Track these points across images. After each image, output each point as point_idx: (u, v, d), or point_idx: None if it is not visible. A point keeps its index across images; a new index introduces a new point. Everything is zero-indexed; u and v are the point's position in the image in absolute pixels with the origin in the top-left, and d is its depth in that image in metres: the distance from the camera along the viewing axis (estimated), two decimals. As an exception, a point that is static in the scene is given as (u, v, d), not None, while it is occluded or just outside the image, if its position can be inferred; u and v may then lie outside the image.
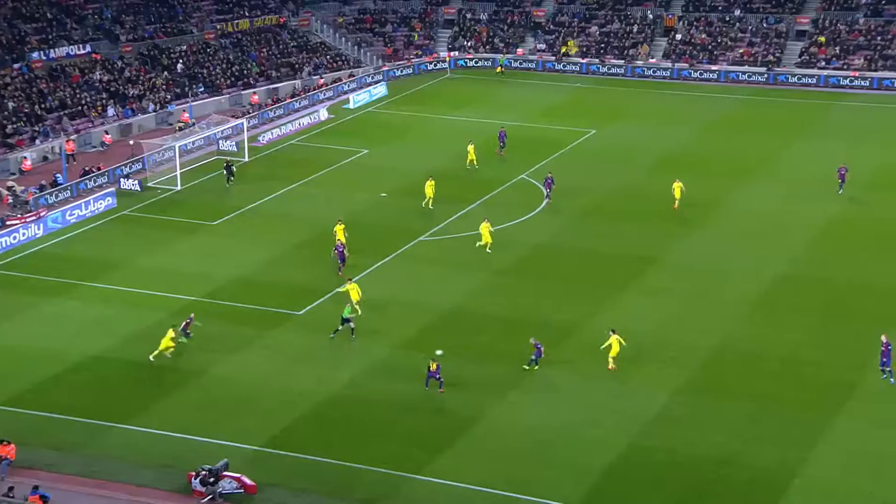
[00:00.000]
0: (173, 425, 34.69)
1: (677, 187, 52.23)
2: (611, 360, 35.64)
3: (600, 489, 31.31)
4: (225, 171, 57.04)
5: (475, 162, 58.03)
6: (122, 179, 57.42)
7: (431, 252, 48.04)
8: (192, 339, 39.64)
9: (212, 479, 30.91)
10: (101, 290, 44.53)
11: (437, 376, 36.21)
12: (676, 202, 51.79)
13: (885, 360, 34.74)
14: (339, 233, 46.37)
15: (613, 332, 36.47)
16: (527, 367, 37.54)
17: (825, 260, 46.75)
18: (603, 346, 35.32)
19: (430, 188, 52.10)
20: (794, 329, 40.55)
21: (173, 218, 52.81)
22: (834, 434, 33.71)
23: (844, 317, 41.42)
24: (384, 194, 55.64)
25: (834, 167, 56.72)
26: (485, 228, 46.93)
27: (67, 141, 62.75)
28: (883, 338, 35.33)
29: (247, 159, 61.95)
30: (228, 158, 58.00)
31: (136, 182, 56.99)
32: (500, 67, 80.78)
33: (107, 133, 65.62)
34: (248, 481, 31.46)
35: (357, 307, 41.09)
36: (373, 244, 48.05)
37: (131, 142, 62.95)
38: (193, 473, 31.39)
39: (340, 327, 39.79)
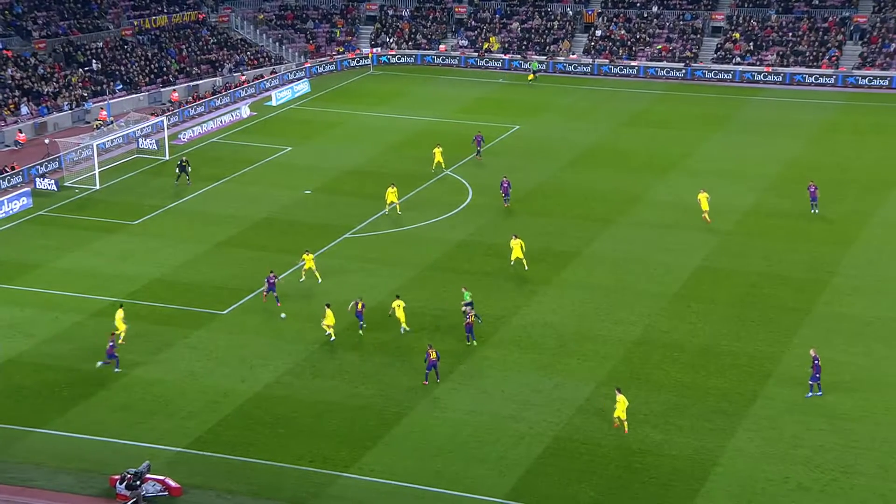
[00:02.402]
0: (93, 428, 34.11)
1: (703, 198, 50.27)
2: (617, 419, 33.57)
3: (527, 482, 31.68)
4: (179, 171, 55.54)
5: (442, 164, 57.44)
6: (37, 179, 56.15)
7: (357, 249, 47.97)
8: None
9: (137, 483, 30.47)
10: (16, 293, 43.53)
11: (436, 365, 35.98)
12: (706, 213, 50.04)
13: (815, 374, 35.44)
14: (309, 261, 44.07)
15: (618, 390, 33.85)
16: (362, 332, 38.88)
17: (740, 251, 47.87)
18: (615, 415, 33.49)
19: (392, 194, 51.29)
20: (711, 320, 41.48)
21: (92, 218, 51.83)
22: (751, 421, 34.60)
23: (759, 307, 42.49)
24: (308, 192, 55.35)
25: (750, 160, 57.80)
26: (516, 245, 45.23)
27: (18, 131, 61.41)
28: (812, 352, 35.88)
29: (167, 158, 61.07)
30: (184, 158, 56.61)
31: (53, 181, 55.79)
32: (532, 74, 78.22)
33: (20, 131, 64.08)
34: (172, 483, 31.10)
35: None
36: (297, 242, 47.76)
37: (47, 140, 61.63)
38: (118, 477, 30.90)
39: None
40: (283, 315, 41.41)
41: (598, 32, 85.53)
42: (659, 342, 39.80)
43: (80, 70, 71.89)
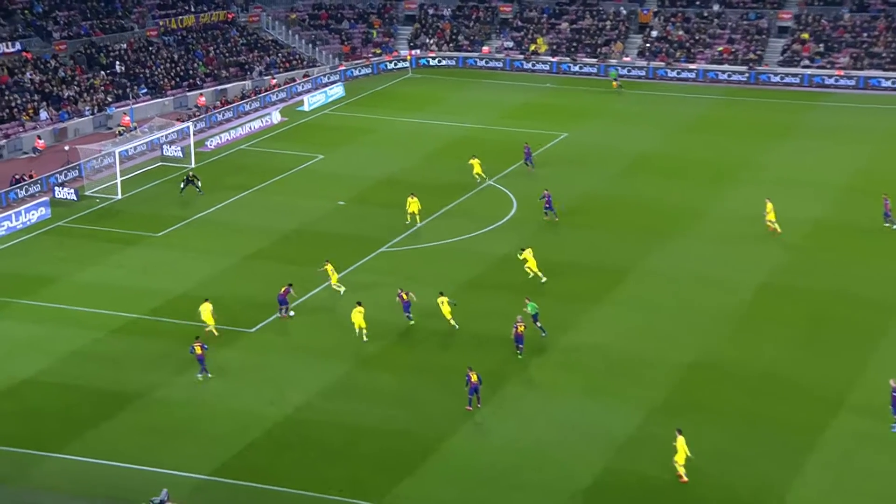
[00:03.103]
0: (112, 453, 34.51)
1: (770, 208, 50.50)
2: (678, 465, 33.07)
3: (573, 515, 31.56)
4: (184, 184, 56.17)
5: (482, 174, 57.70)
6: (56, 188, 57.09)
7: (393, 264, 48.20)
8: (134, 359, 39.52)
9: (158, 512, 30.79)
10: (33, 308, 44.23)
11: (478, 389, 36.14)
12: (774, 224, 50.30)
13: (895, 406, 35.05)
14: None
15: (679, 432, 33.30)
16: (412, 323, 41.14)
17: (809, 268, 47.43)
18: (675, 460, 33.11)
19: (413, 204, 51.74)
20: (776, 342, 41.10)
21: (113, 229, 52.57)
22: (821, 454, 34.19)
23: (829, 329, 42.05)
24: (342, 202, 55.74)
25: (819, 170, 57.26)
26: (529, 256, 45.91)
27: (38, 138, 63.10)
28: (892, 382, 35.51)
29: (192, 165, 61.81)
30: (191, 172, 57.33)
31: (73, 191, 56.69)
32: (615, 82, 77.88)
33: (39, 138, 65.24)
34: (194, 512, 31.34)
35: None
36: (329, 255, 48.10)
37: (66, 147, 62.66)
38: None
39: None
40: (292, 313, 42.75)
41: (654, 33, 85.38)
42: (719, 366, 39.51)
43: (103, 73, 73.06)
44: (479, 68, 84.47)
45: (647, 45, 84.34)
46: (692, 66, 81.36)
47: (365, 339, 41.07)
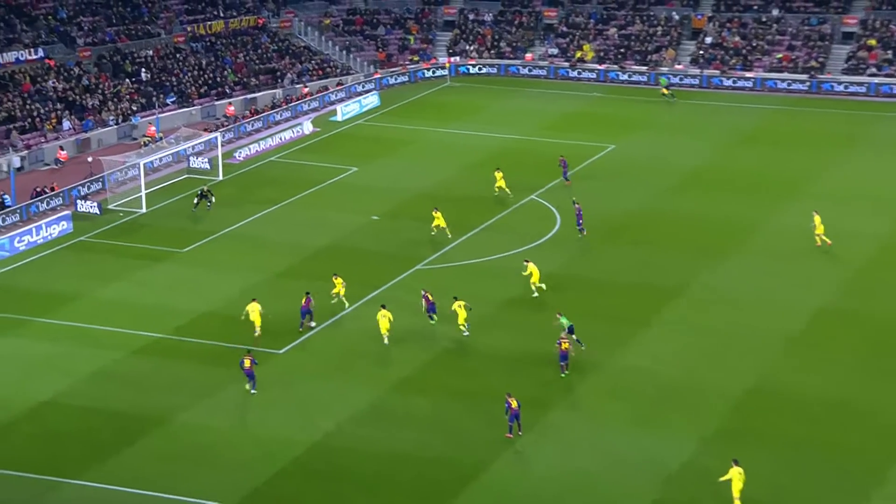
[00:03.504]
0: (133, 480, 34.70)
1: (818, 221, 50.38)
2: (735, 500, 32.70)
3: (620, 551, 31.35)
4: (198, 198, 56.54)
5: (506, 189, 57.91)
6: (78, 201, 57.74)
7: (430, 282, 48.21)
8: (157, 381, 39.81)
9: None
10: (53, 327, 44.71)
11: (518, 415, 36.08)
12: (823, 237, 50.32)
13: None
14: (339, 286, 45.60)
15: (735, 462, 32.96)
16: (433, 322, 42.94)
17: (874, 290, 46.90)
18: (722, 479, 33.01)
19: (439, 219, 51.98)
20: (839, 368, 40.66)
21: (136, 244, 53.08)
22: (889, 487, 33.72)
23: (893, 355, 41.51)
24: (376, 217, 55.94)
25: (883, 184, 56.59)
26: (533, 270, 46.40)
27: (60, 149, 64.08)
28: None
29: (220, 178, 62.32)
30: (206, 187, 57.67)
31: (95, 204, 57.32)
32: (666, 89, 77.70)
33: (61, 149, 66.04)
34: (219, 543, 31.46)
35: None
36: (364, 273, 48.25)
37: (90, 158, 63.36)
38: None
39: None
40: (312, 324, 43.69)
41: (708, 39, 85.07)
42: (776, 393, 39.14)
43: (128, 81, 73.89)
44: (522, 76, 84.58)
45: (701, 52, 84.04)
46: (749, 75, 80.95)
47: (386, 342, 42.15)
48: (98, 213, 56.85)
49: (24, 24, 74.83)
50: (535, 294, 46.45)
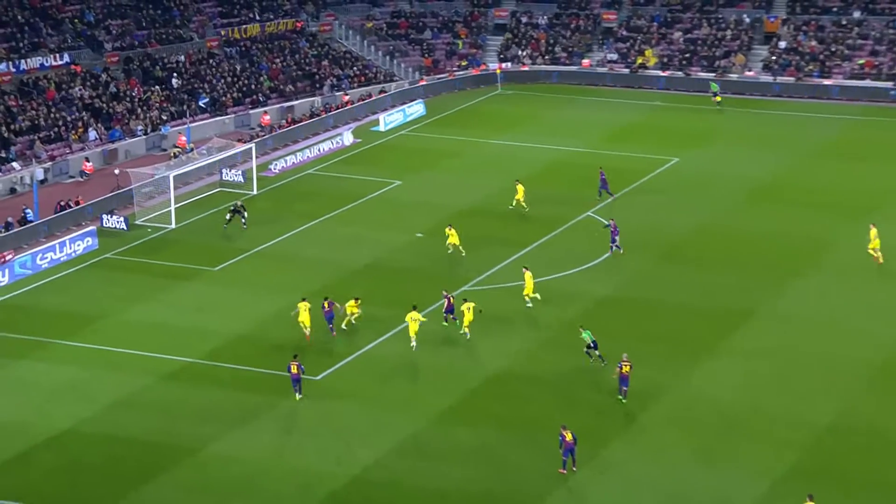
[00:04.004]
0: (162, 513, 35.07)
1: (874, 234, 50.75)
2: None
3: None
4: (231, 214, 56.88)
5: (522, 202, 58.37)
6: (104, 216, 58.45)
7: (478, 305, 48.28)
8: (187, 408, 40.18)
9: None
10: (77, 350, 45.25)
11: (573, 450, 36.13)
12: (877, 253, 50.62)
13: None
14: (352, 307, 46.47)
15: (810, 498, 33.05)
16: (446, 324, 44.60)
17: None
18: None
19: (453, 236, 52.36)
20: (924, 402, 40.19)
21: (165, 262, 53.66)
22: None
23: None
24: (420, 234, 56.15)
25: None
26: (529, 278, 47.60)
27: (86, 161, 65.10)
28: None
29: (255, 192, 62.88)
30: (239, 202, 57.98)
31: (122, 219, 58.01)
32: (717, 96, 77.90)
33: (87, 160, 66.89)
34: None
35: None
36: (406, 294, 48.43)
37: (116, 171, 64.07)
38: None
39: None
40: (334, 333, 45.19)
41: (782, 44, 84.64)
42: (859, 428, 38.75)
43: (158, 88, 74.77)
44: (579, 84, 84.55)
45: (774, 57, 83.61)
46: (827, 82, 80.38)
47: (414, 346, 43.44)
48: (125, 228, 57.52)
49: (49, 28, 75.91)
50: (529, 305, 47.36)
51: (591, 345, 42.31)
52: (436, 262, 52.74)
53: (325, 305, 45.44)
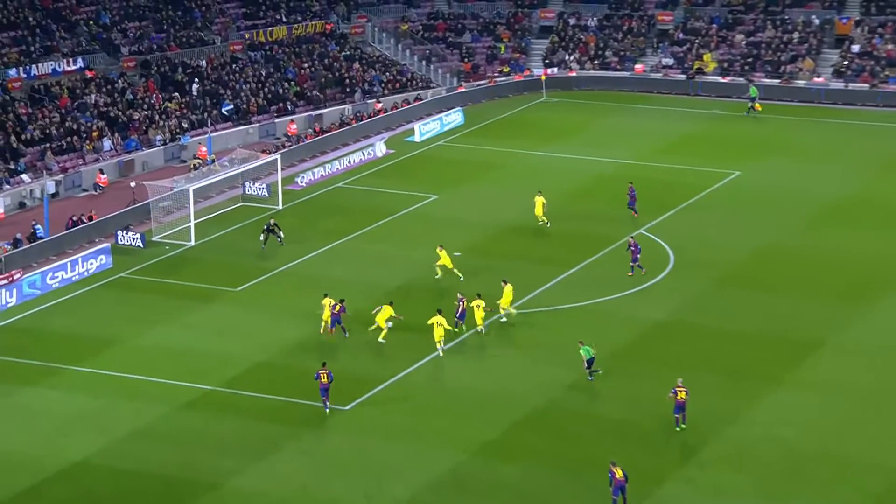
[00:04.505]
0: (178, 552, 35.28)
1: None
2: None
3: None
4: (265, 234, 57.08)
5: (543, 217, 58.52)
6: (119, 232, 58.92)
7: (521, 330, 48.33)
8: (206, 439, 40.41)
9: None
10: (90, 376, 45.58)
11: (625, 488, 36.09)
12: None
13: None
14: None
15: None
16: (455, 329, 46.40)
17: None
18: None
19: (444, 258, 52.50)
20: None
21: (184, 282, 54.01)
22: None
23: None
24: (458, 253, 56.23)
25: None
26: (508, 291, 48.81)
27: (99, 173, 65.67)
28: None
29: (280, 207, 63.21)
30: (272, 220, 58.08)
31: (138, 236, 58.47)
32: (758, 104, 77.99)
33: (101, 172, 67.46)
34: None
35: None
36: (449, 315, 48.45)
37: (133, 183, 64.53)
38: None
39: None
40: (347, 334, 47.42)
41: (855, 47, 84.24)
42: (937, 470, 38.43)
43: (177, 94, 75.38)
44: (631, 90, 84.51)
45: (846, 62, 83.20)
46: (904, 90, 79.97)
47: (441, 353, 44.79)
48: (141, 245, 57.96)
49: (62, 31, 76.70)
50: (504, 319, 48.46)
51: (588, 362, 43.07)
52: (475, 282, 52.69)
53: (337, 308, 47.37)
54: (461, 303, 47.63)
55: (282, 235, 57.37)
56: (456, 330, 47.18)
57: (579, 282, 52.88)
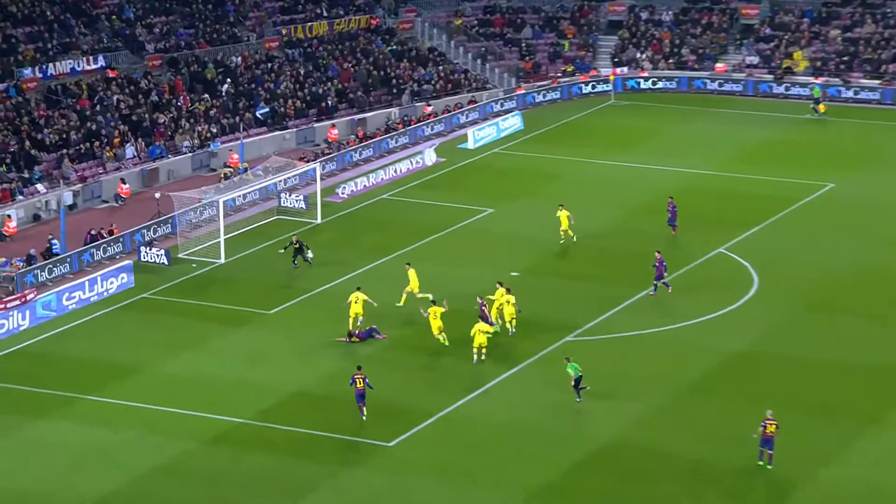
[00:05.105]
0: None
1: None
2: None
3: None
4: (294, 254, 57.01)
5: (570, 233, 58.55)
6: (142, 248, 59.36)
7: (582, 359, 48.13)
8: (235, 477, 40.60)
9: None
10: (108, 407, 45.84)
11: None
12: None
13: None
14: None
15: None
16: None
17: None
18: None
19: (413, 280, 52.57)
20: None
21: (213, 304, 54.31)
22: None
23: None
24: (516, 273, 56.18)
25: None
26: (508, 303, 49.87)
27: (121, 183, 66.23)
28: None
29: (319, 221, 63.45)
30: (296, 236, 58.12)
31: (163, 252, 58.87)
32: (822, 105, 78.44)
33: (123, 182, 67.94)
34: None
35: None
36: (499, 344, 48.47)
37: (157, 194, 64.94)
38: None
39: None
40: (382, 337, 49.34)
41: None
42: None
43: (207, 96, 75.89)
44: (710, 92, 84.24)
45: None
46: None
47: (483, 358, 46.64)
48: (166, 263, 58.34)
49: (82, 27, 77.47)
50: (496, 329, 49.45)
51: (575, 382, 43.74)
52: (534, 305, 52.67)
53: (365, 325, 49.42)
54: (482, 307, 49.00)
55: (310, 256, 57.03)
56: (497, 330, 48.88)
57: (649, 306, 52.63)
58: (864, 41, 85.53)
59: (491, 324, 48.70)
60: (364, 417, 43.36)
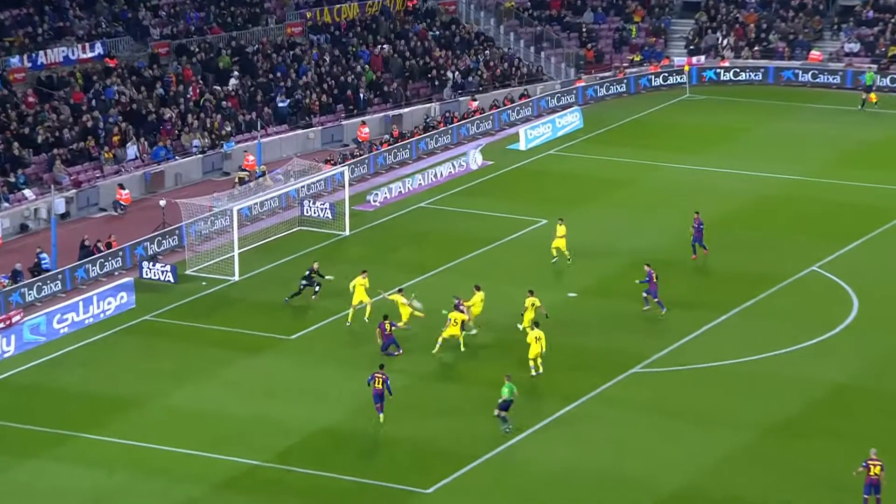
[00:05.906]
0: None
1: None
2: None
3: None
4: (306, 281, 56.10)
5: (564, 250, 58.80)
6: (145, 263, 59.62)
7: (650, 392, 48.12)
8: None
9: None
10: (104, 446, 45.96)
11: None
12: None
13: None
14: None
15: None
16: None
17: None
18: None
19: (402, 309, 52.75)
20: None
21: (225, 328, 54.47)
22: None
23: None
24: (573, 294, 56.13)
25: None
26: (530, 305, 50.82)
27: (119, 188, 66.60)
28: None
29: (346, 233, 63.59)
30: (316, 265, 56.82)
31: (169, 268, 59.13)
32: (873, 95, 79.16)
33: (122, 187, 68.25)
34: None
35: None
36: (557, 373, 48.44)
37: (162, 202, 65.28)
38: None
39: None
40: (397, 352, 50.11)
41: None
42: None
43: (219, 89, 76.17)
44: (802, 85, 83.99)
45: None
46: None
47: (541, 370, 47.91)
48: (172, 280, 58.60)
49: (77, 9, 77.91)
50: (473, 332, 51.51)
51: (505, 403, 44.64)
52: (594, 330, 52.63)
53: (387, 328, 50.38)
54: (459, 304, 51.49)
55: (318, 287, 55.81)
56: (473, 334, 51.63)
57: (735, 332, 52.42)
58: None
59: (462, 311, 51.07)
60: (381, 419, 44.97)
